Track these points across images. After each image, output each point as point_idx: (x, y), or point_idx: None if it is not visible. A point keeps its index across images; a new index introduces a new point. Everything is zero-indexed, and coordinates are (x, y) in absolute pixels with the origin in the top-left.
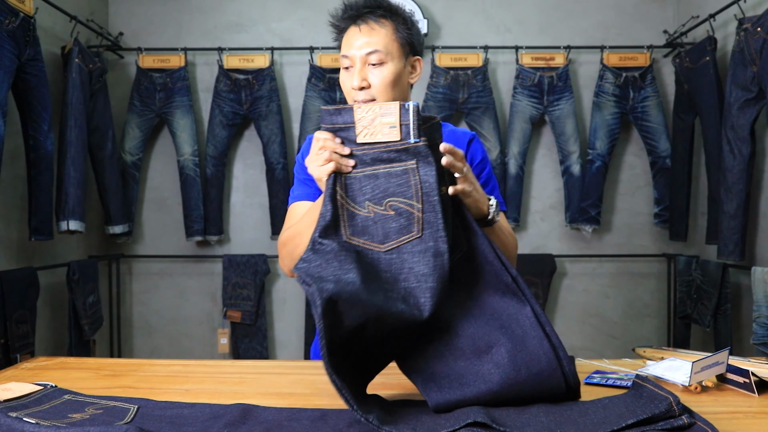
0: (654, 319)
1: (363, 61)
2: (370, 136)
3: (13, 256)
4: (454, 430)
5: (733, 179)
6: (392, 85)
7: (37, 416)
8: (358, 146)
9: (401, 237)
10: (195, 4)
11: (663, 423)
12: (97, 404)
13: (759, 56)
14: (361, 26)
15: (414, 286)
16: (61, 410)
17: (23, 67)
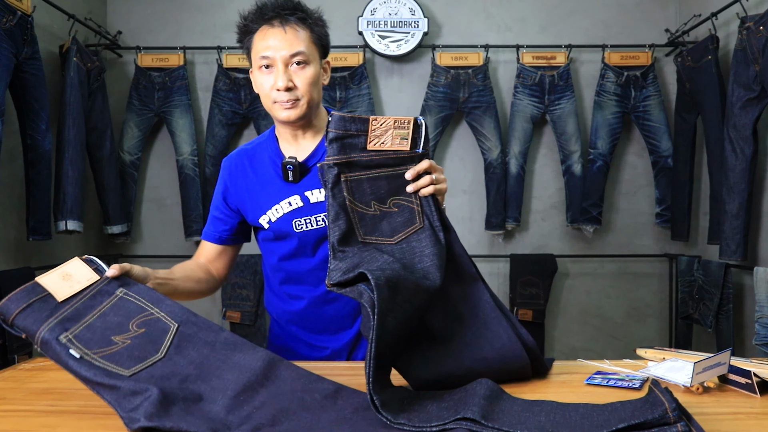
0: (655, 319)
1: (286, 63)
2: (380, 145)
3: (11, 257)
4: (442, 424)
5: (735, 179)
6: (314, 85)
7: (83, 338)
8: (365, 152)
9: (407, 229)
10: (194, 2)
11: (657, 430)
12: (145, 311)
13: (761, 55)
14: (285, 28)
15: (429, 264)
16: (108, 325)
17: (21, 65)
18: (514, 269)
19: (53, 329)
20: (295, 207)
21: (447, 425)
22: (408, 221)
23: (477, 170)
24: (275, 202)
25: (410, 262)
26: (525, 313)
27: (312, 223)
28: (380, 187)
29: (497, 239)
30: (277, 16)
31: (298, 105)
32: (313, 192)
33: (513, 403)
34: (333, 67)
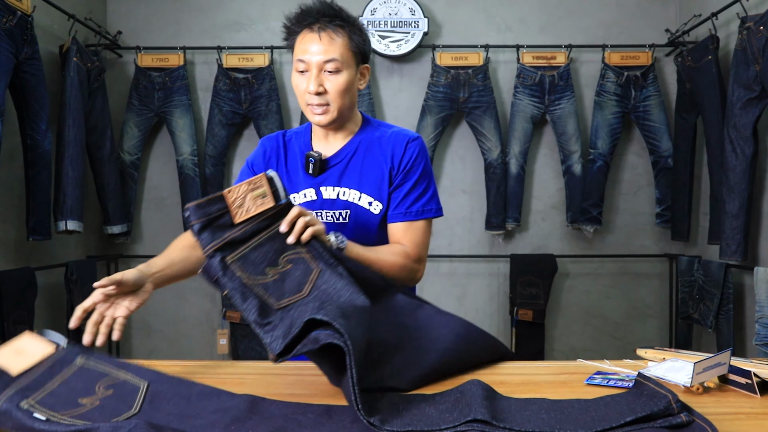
0: (656, 319)
1: (319, 68)
2: (246, 213)
3: (11, 257)
4: (453, 427)
5: (736, 179)
6: (346, 92)
7: (46, 404)
8: (236, 227)
9: (309, 278)
10: (194, 2)
11: (662, 420)
12: (109, 377)
13: (761, 55)
14: (321, 34)
15: (348, 294)
16: (72, 390)
17: (21, 66)
18: (514, 269)
19: (12, 398)
20: (309, 200)
21: (458, 428)
22: (306, 271)
23: (477, 170)
24: (294, 191)
25: (332, 303)
26: (525, 314)
27: (322, 216)
28: (267, 252)
29: (497, 239)
30: (316, 22)
31: (328, 111)
32: (327, 188)
33: (509, 402)
34: None
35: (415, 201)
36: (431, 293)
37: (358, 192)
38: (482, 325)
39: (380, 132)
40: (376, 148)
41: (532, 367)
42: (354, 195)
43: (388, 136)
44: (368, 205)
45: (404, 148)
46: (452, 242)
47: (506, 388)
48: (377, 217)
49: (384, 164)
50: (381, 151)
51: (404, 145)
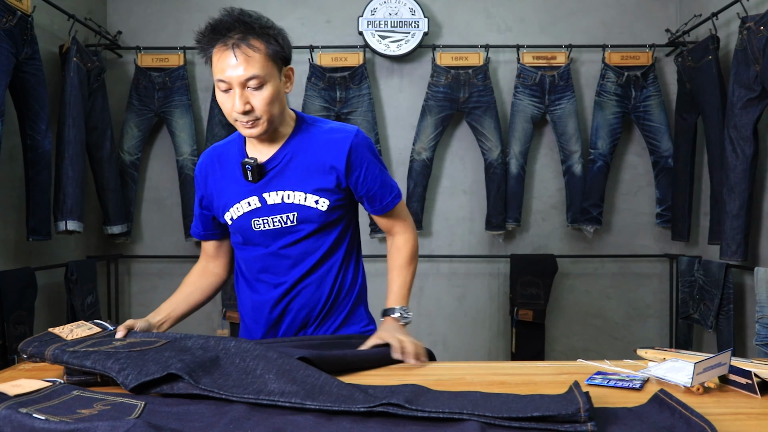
0: (656, 319)
1: (242, 85)
2: (77, 335)
3: (11, 257)
4: (369, 407)
5: (736, 179)
6: (272, 103)
7: (46, 412)
8: (72, 344)
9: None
10: (194, 2)
11: (569, 426)
12: (105, 400)
13: (762, 55)
14: (236, 51)
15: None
16: (69, 406)
17: (21, 66)
18: (514, 269)
19: (11, 407)
20: (254, 207)
21: (374, 408)
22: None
23: (477, 170)
24: (237, 200)
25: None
26: (525, 314)
27: (269, 223)
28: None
29: (497, 239)
30: (229, 38)
31: (258, 124)
32: (270, 194)
33: (440, 394)
34: (333, 68)
35: (385, 193)
36: (431, 293)
37: (303, 193)
38: (482, 325)
39: (316, 129)
40: (315, 145)
41: (532, 367)
42: (299, 196)
43: (326, 133)
44: (315, 203)
45: (350, 146)
46: (452, 242)
47: (506, 388)
48: (324, 212)
49: (328, 161)
50: (322, 148)
51: (349, 142)
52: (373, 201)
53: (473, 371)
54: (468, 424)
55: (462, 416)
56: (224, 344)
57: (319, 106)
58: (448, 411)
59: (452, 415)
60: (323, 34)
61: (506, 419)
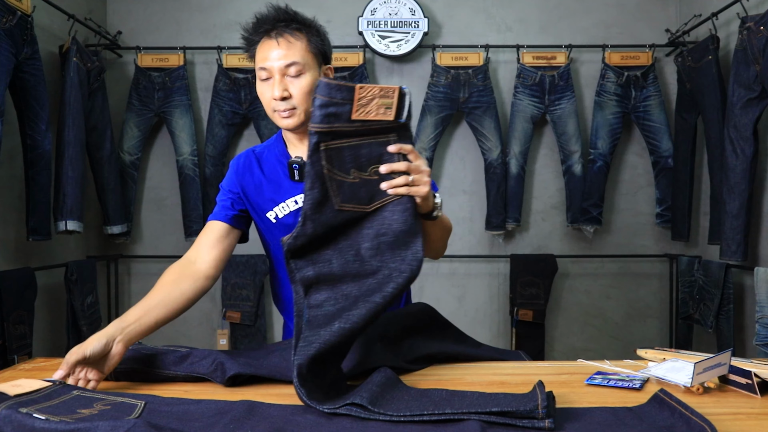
0: (656, 319)
1: (282, 73)
2: (365, 114)
3: (11, 257)
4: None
5: (736, 179)
6: (310, 93)
7: (46, 412)
8: (349, 122)
9: (385, 197)
10: (194, 2)
11: (527, 421)
12: (105, 400)
13: (762, 55)
14: (279, 40)
15: (389, 239)
16: (70, 406)
17: (21, 66)
18: (514, 269)
19: (11, 407)
20: (301, 205)
21: (337, 409)
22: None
23: (477, 170)
24: (282, 199)
25: (374, 232)
26: (525, 314)
27: None
28: (361, 156)
29: (497, 239)
30: (273, 28)
31: (295, 114)
32: None
33: (406, 392)
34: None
35: None
36: (431, 293)
37: None
38: (482, 325)
39: None
40: None
41: (532, 367)
42: None
43: None
44: None
45: None
46: (452, 242)
47: (506, 388)
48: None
49: None
50: None
51: None
52: None
53: (473, 371)
54: (468, 423)
55: (422, 417)
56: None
57: None
58: (409, 414)
59: (412, 417)
60: None
61: (466, 414)
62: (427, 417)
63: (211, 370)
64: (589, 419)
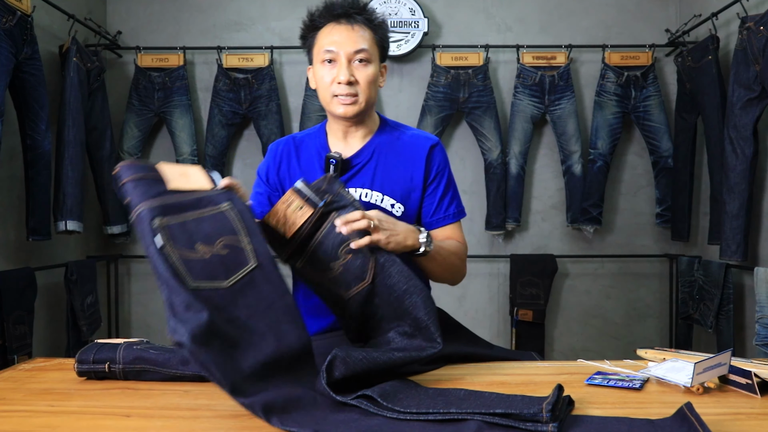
0: (656, 319)
1: (349, 58)
2: (293, 226)
3: (11, 257)
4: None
5: (736, 179)
6: (373, 84)
7: (172, 231)
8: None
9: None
10: (194, 2)
11: (531, 424)
12: (234, 237)
13: (762, 55)
14: (353, 26)
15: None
16: (198, 232)
17: (21, 66)
18: (514, 269)
19: (152, 210)
20: None
21: (349, 400)
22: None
23: (477, 170)
24: None
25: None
26: (525, 314)
27: None
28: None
29: (497, 239)
30: (344, 15)
31: (356, 102)
32: (348, 190)
33: (424, 391)
34: None
35: (450, 203)
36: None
37: (380, 194)
38: (482, 326)
39: (399, 133)
40: (398, 150)
41: (532, 367)
42: (377, 197)
43: (408, 139)
44: (390, 207)
45: (430, 153)
46: None
47: (506, 389)
48: (397, 219)
49: (408, 168)
50: (404, 153)
51: (429, 149)
52: (431, 211)
53: (473, 371)
54: (468, 423)
55: (428, 416)
56: None
57: (319, 107)
58: (415, 411)
59: (418, 416)
60: None
61: (470, 414)
62: (432, 416)
63: None
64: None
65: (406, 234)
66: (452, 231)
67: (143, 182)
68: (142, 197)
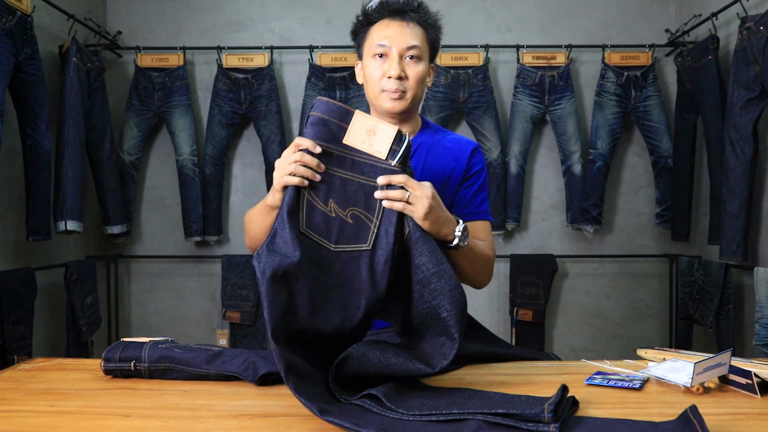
0: (656, 319)
1: (401, 54)
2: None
3: (11, 257)
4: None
5: (736, 179)
6: (422, 81)
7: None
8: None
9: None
10: (194, 2)
11: (532, 424)
12: (365, 214)
13: (761, 55)
14: (408, 23)
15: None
16: (334, 191)
17: (20, 66)
18: (514, 269)
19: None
20: None
21: (353, 401)
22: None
23: None
24: None
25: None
26: (525, 314)
27: None
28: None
29: (497, 239)
30: (399, 11)
31: (404, 98)
32: None
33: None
34: (333, 68)
35: (482, 203)
36: None
37: None
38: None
39: (440, 136)
40: (438, 151)
41: (532, 367)
42: None
43: (450, 141)
44: None
45: (471, 155)
46: None
47: (506, 389)
48: None
49: (447, 167)
50: (444, 154)
51: (470, 151)
52: (463, 203)
53: (473, 371)
54: (469, 422)
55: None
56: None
57: None
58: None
59: (421, 417)
60: (323, 34)
61: (472, 414)
62: (434, 417)
63: (243, 368)
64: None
65: (446, 220)
66: (483, 232)
67: (324, 124)
68: (312, 136)
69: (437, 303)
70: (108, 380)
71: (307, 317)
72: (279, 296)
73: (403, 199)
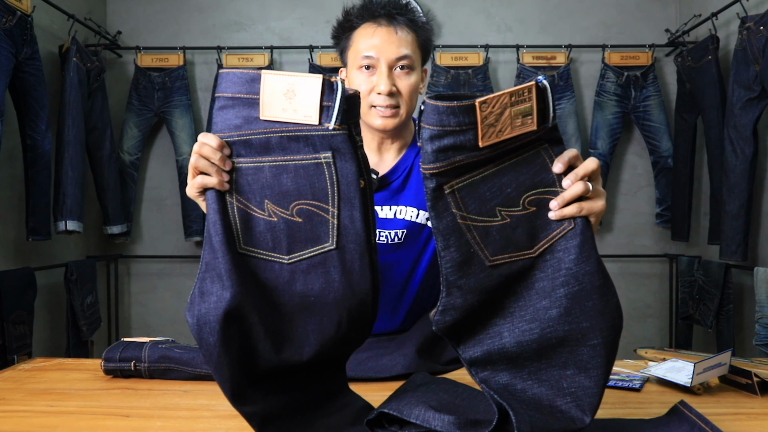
0: (656, 319)
1: (390, 66)
2: (498, 135)
3: (11, 257)
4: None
5: (736, 179)
6: (415, 94)
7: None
8: (477, 151)
9: (553, 232)
10: (194, 2)
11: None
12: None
13: (761, 55)
14: (396, 28)
15: (575, 289)
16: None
17: (20, 66)
18: None
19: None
20: None
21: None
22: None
23: None
24: None
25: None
26: None
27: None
28: (504, 185)
29: None
30: (386, 15)
31: (397, 114)
32: (383, 208)
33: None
34: (333, 68)
35: None
36: None
37: (415, 209)
38: None
39: None
40: None
41: None
42: (411, 213)
43: None
44: (425, 220)
45: None
46: None
47: None
48: (429, 229)
49: None
50: None
51: None
52: None
53: None
54: None
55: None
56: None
57: None
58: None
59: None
60: (323, 34)
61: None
62: None
63: None
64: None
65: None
66: None
67: (233, 105)
68: (222, 126)
69: (588, 325)
70: (108, 380)
71: (272, 355)
72: (228, 348)
73: (588, 193)
